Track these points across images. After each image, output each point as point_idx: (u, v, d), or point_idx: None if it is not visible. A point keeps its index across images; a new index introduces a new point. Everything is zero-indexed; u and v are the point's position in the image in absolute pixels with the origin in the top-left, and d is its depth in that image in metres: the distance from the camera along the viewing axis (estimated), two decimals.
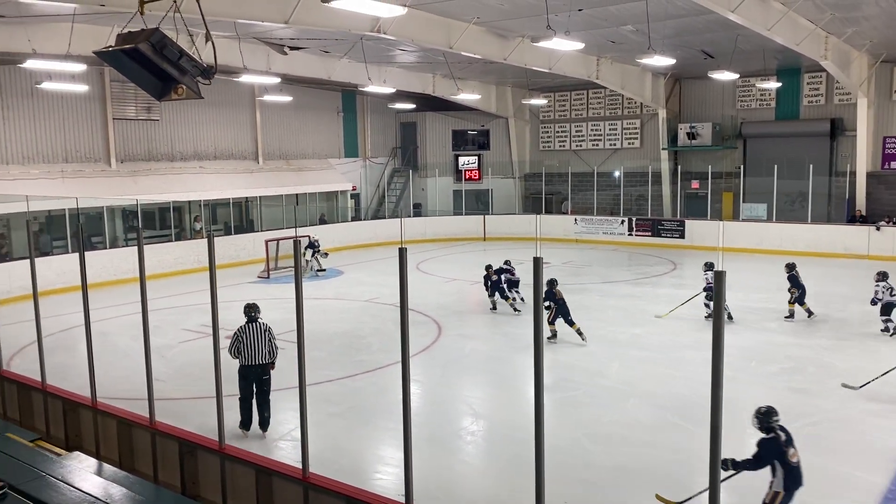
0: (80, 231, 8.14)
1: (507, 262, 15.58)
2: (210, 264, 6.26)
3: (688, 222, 24.28)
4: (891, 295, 11.98)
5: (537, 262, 4.13)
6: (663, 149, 25.98)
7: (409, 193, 29.30)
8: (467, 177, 29.79)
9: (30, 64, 14.60)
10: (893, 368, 9.59)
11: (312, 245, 20.08)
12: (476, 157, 30.17)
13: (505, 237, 26.62)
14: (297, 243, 5.72)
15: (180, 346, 12.48)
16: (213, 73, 5.67)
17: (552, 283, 12.76)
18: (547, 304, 11.91)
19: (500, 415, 9.12)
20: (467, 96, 24.66)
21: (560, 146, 29.46)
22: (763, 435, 5.54)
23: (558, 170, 28.92)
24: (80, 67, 15.47)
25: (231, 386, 9.34)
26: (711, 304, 13.07)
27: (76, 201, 18.13)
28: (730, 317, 13.17)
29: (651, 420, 8.71)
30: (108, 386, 9.21)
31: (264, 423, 8.56)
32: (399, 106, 27.71)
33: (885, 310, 12.00)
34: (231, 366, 10.50)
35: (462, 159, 30.13)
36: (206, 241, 20.83)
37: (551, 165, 29.15)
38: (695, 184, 25.62)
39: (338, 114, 27.97)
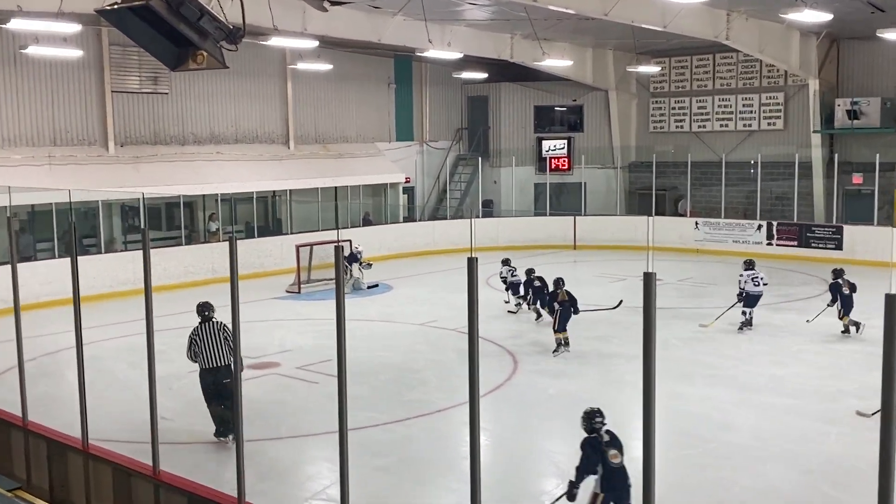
0: (73, 231, 8.48)
1: (505, 261, 18.06)
2: (231, 275, 6.42)
3: (846, 229, 23.65)
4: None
5: (649, 279, 4.10)
6: (815, 131, 25.36)
7: (478, 187, 29.38)
8: (553, 166, 29.67)
9: (13, 24, 15.28)
10: None
11: (355, 257, 20.29)
12: (565, 141, 30.03)
13: (601, 245, 26.37)
14: (338, 249, 5.82)
15: (191, 377, 12.78)
16: (240, 36, 5.84)
17: (558, 283, 14.73)
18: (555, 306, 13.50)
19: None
20: (555, 62, 24.55)
21: (676, 127, 29.05)
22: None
23: (673, 158, 28.50)
24: (74, 28, 16.08)
25: (256, 429, 9.56)
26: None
27: (68, 194, 18.81)
28: (855, 327, 14.43)
29: (794, 489, 8.53)
30: (102, 425, 9.51)
31: (223, 432, 9.78)
32: (467, 75, 27.79)
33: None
34: (258, 404, 10.76)
35: (547, 143, 30.04)
36: (222, 245, 21.38)
37: (664, 152, 28.74)
38: (857, 178, 24.93)
39: (389, 86, 28.31)
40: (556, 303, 14.16)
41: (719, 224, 25.71)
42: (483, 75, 27.67)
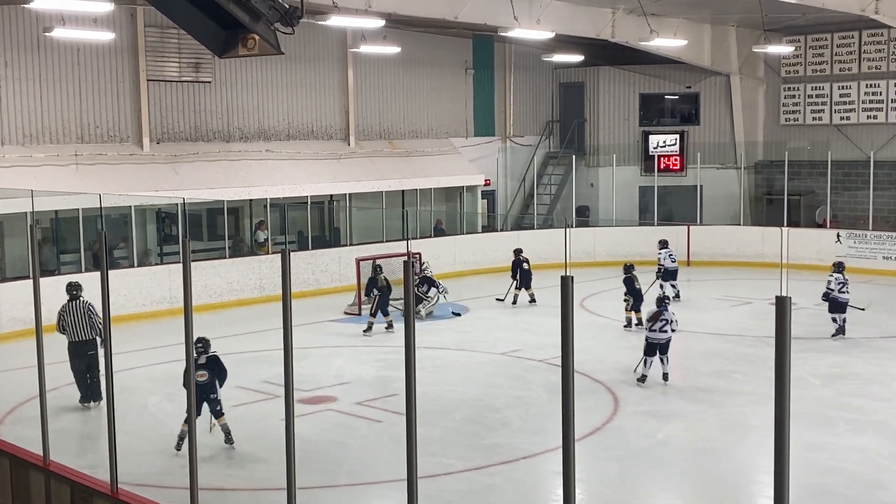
0: (103, 240, 8.69)
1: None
2: (284, 293, 6.49)
3: None
4: (672, 261, 19.31)
5: (783, 304, 4.01)
6: None
7: (572, 191, 29.25)
8: (662, 166, 29.36)
9: (37, 4, 15.76)
10: None
11: (432, 280, 20.35)
12: (677, 136, 29.71)
13: (721, 261, 25.95)
14: (408, 265, 5.85)
15: (233, 412, 12.99)
16: (298, 17, 5.93)
17: (629, 269, 17.45)
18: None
19: None
20: (666, 42, 24.31)
21: (814, 119, 28.50)
22: None
23: (810, 156, 27.95)
24: (106, 7, 16.52)
25: (309, 474, 9.66)
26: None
27: (98, 198, 19.33)
28: None
29: None
30: (133, 466, 9.71)
31: (90, 396, 13.29)
32: (560, 59, 27.72)
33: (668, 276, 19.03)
34: (311, 445, 10.86)
35: (655, 139, 29.76)
36: (272, 258, 21.72)
37: (799, 149, 28.20)
38: None
39: (466, 72, 28.45)
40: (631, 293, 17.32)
41: (866, 236, 25.08)
42: (578, 58, 27.53)
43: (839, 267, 17.61)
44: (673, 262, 20.18)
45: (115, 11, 19.63)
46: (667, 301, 14.64)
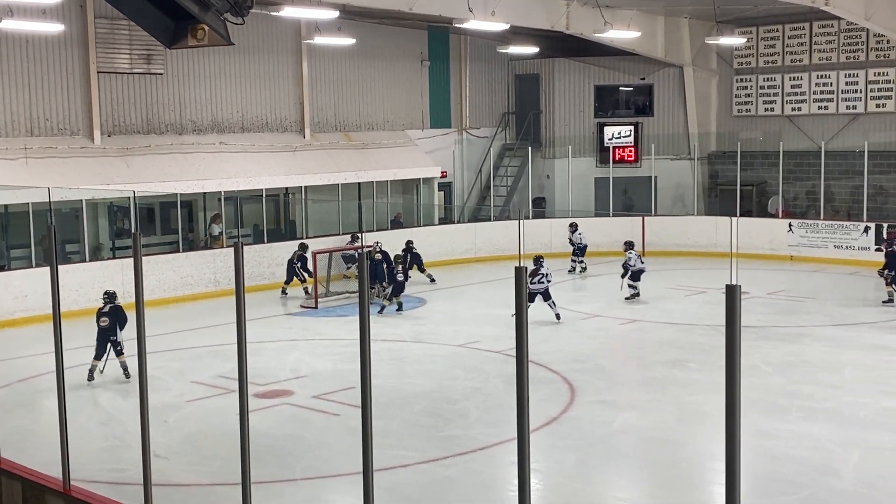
0: (53, 235, 8.58)
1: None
2: (237, 287, 6.47)
3: None
4: (640, 262, 20.27)
5: (733, 293, 4.06)
6: None
7: (528, 182, 29.33)
8: (617, 157, 29.51)
9: None
10: None
11: (385, 254, 20.59)
12: (631, 128, 29.87)
13: (675, 251, 26.16)
14: (362, 257, 5.84)
15: (188, 408, 12.92)
16: (248, 6, 5.90)
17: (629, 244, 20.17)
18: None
19: None
20: (620, 34, 24.44)
21: (766, 110, 28.78)
22: None
23: (762, 147, 28.22)
24: (54, 0, 16.37)
25: (266, 469, 9.62)
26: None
27: (47, 192, 19.10)
28: None
29: None
30: (86, 463, 9.62)
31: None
32: (515, 50, 27.74)
33: (634, 276, 19.92)
34: (267, 439, 10.82)
35: (610, 130, 29.91)
36: (226, 251, 21.57)
37: (751, 140, 28.46)
38: None
39: (422, 64, 28.40)
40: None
41: (818, 226, 25.36)
42: (533, 50, 27.59)
43: (630, 245, 20.46)
44: (642, 262, 20.58)
45: (65, 3, 19.40)
46: (542, 260, 18.18)
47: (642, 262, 20.55)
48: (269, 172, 23.88)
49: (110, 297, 14.33)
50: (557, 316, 17.79)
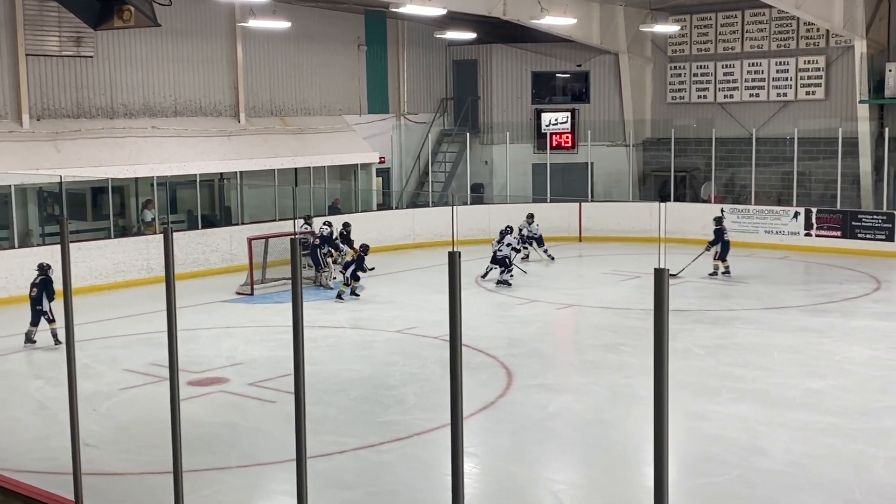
0: None
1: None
2: (167, 273, 6.40)
3: None
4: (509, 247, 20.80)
5: (660, 276, 4.10)
6: (861, 102, 25.49)
7: (466, 168, 29.38)
8: (554, 143, 29.70)
9: None
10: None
11: (325, 238, 20.53)
12: (568, 114, 30.06)
13: (611, 236, 26.44)
14: (295, 242, 5.80)
15: (120, 396, 12.75)
16: None
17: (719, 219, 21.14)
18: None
19: None
20: (556, 21, 24.55)
21: (699, 97, 29.13)
22: None
23: (696, 133, 28.57)
24: None
25: (199, 457, 9.53)
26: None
27: None
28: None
29: None
30: (14, 452, 9.48)
31: None
32: (452, 36, 27.74)
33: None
34: (201, 427, 10.73)
35: (547, 117, 30.07)
36: (159, 238, 21.26)
37: (685, 127, 28.80)
38: None
39: (359, 48, 28.26)
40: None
41: (749, 211, 25.78)
42: (471, 35, 27.60)
43: (507, 229, 21.24)
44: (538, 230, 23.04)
45: None
46: (510, 229, 20.71)
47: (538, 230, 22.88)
48: (203, 157, 23.63)
49: (41, 269, 15.14)
50: (507, 282, 19.78)
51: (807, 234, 24.85)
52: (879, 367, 13.65)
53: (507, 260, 20.30)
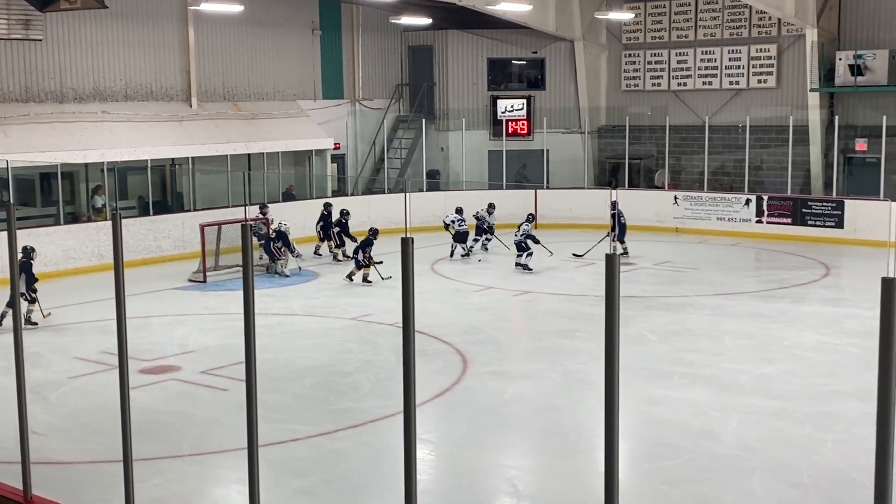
0: None
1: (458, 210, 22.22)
2: (115, 260, 6.32)
3: (848, 203, 24.11)
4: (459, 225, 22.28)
5: (611, 262, 4.12)
6: (812, 90, 25.81)
7: (422, 155, 29.36)
8: (510, 130, 29.76)
9: None
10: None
11: (285, 235, 20.32)
12: (524, 101, 30.13)
13: (566, 223, 26.56)
14: (246, 229, 5.75)
15: (71, 384, 12.61)
16: None
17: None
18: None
19: (556, 495, 9.11)
20: (512, 7, 24.58)
21: (653, 85, 29.34)
22: None
23: (650, 121, 28.80)
24: None
25: (151, 445, 9.46)
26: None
27: None
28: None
29: None
30: None
31: None
32: (408, 21, 27.65)
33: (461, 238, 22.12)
34: (153, 415, 10.64)
35: (503, 103, 30.11)
36: (109, 224, 20.89)
37: (639, 114, 29.02)
38: (861, 144, 25.41)
39: (313, 33, 28.09)
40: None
41: (702, 199, 26.02)
42: (426, 21, 27.54)
43: (459, 210, 22.48)
44: (462, 225, 22.50)
45: None
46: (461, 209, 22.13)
47: (462, 225, 22.73)
48: (155, 143, 23.41)
49: (24, 252, 14.64)
50: (527, 266, 20.19)
51: (758, 221, 25.13)
52: (827, 351, 13.86)
53: (524, 244, 20.41)
